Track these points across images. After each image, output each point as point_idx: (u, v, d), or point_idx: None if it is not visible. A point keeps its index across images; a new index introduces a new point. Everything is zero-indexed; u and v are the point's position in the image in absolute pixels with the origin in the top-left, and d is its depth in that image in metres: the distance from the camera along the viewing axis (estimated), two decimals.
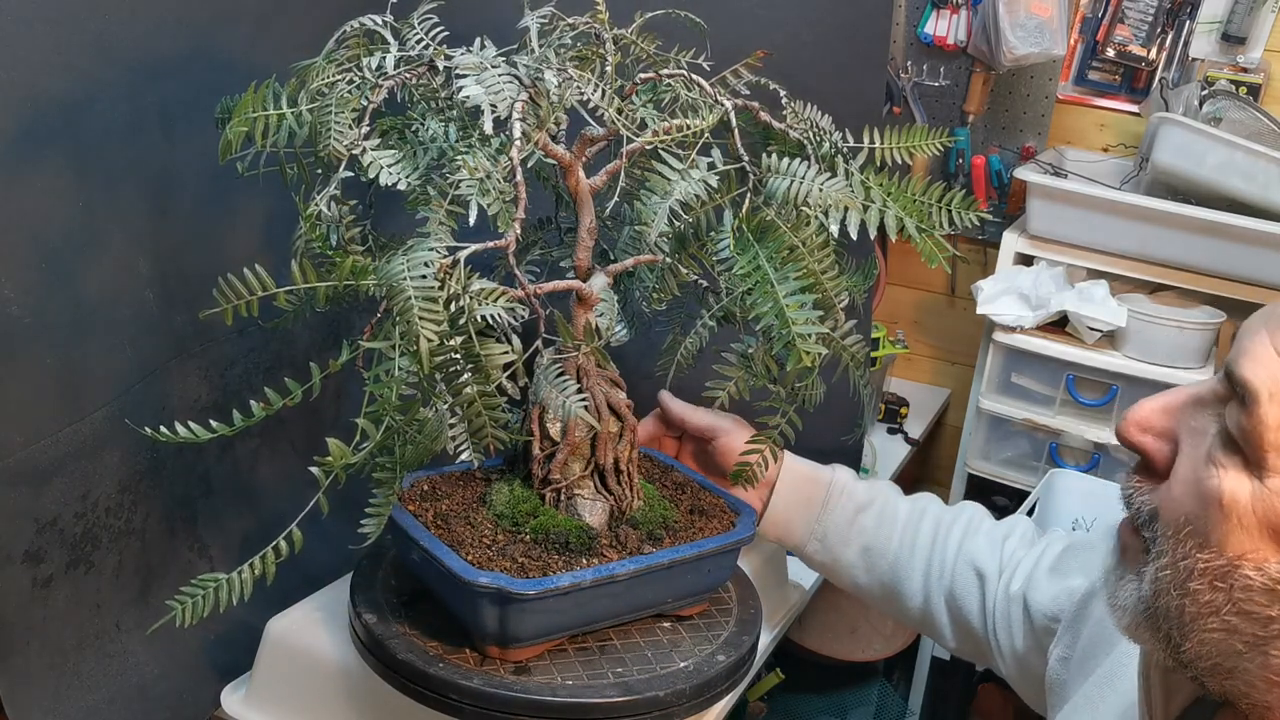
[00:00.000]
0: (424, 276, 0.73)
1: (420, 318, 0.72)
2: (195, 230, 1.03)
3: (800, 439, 1.01)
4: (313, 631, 0.97)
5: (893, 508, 1.11)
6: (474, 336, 0.78)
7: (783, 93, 0.93)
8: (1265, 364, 0.60)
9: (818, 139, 0.90)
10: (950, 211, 0.87)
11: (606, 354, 0.92)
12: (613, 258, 0.96)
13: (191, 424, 0.77)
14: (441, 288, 0.75)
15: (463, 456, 0.83)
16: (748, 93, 0.92)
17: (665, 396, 1.12)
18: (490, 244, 0.79)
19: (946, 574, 1.07)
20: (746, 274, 0.79)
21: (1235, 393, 0.61)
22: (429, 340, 0.72)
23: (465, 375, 0.78)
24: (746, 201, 0.85)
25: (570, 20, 0.87)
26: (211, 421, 0.77)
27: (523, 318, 0.84)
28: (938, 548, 1.08)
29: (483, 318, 0.79)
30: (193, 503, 1.08)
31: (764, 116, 0.90)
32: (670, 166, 0.83)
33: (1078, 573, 0.98)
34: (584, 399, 0.86)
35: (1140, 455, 0.68)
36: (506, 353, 0.80)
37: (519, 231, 0.79)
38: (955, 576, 1.07)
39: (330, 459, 0.74)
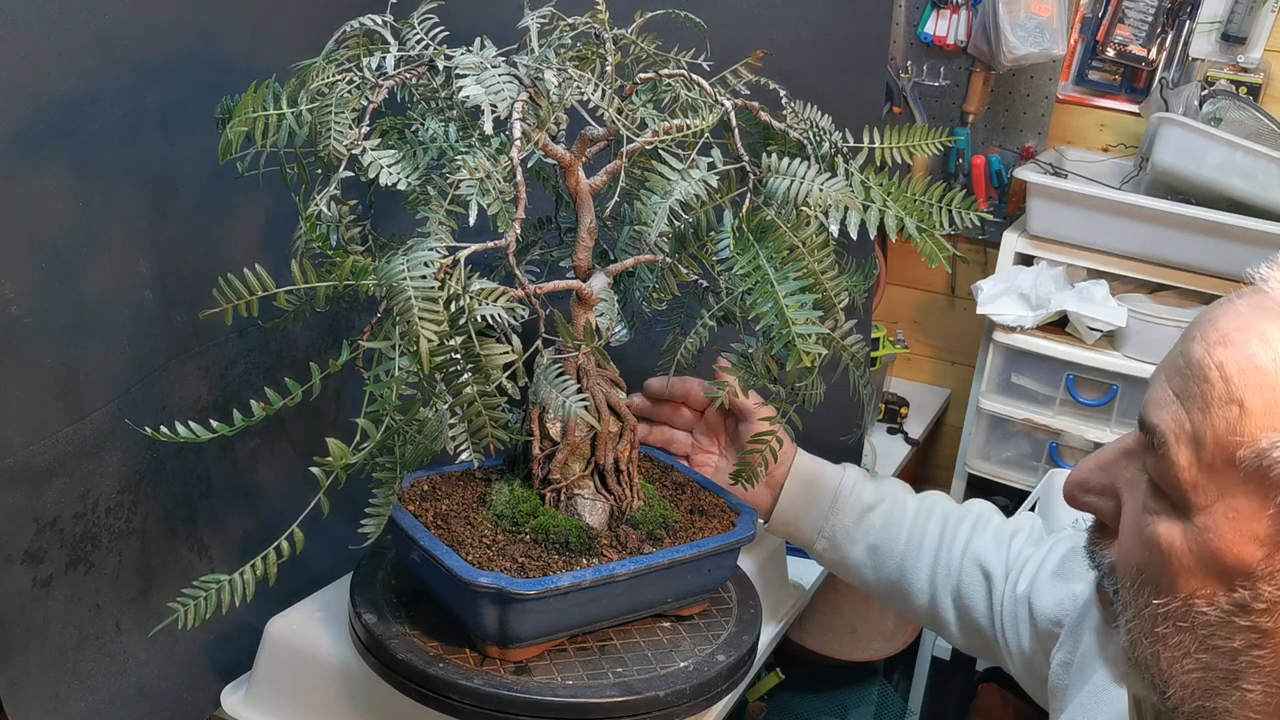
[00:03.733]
0: (424, 276, 0.73)
1: (420, 318, 0.72)
2: (195, 230, 1.03)
3: (800, 439, 1.01)
4: (313, 631, 0.97)
5: (900, 507, 1.11)
6: (474, 336, 0.78)
7: (783, 93, 0.93)
8: (1166, 406, 0.62)
9: (818, 139, 0.90)
10: (950, 211, 0.87)
11: (606, 354, 0.92)
12: (613, 258, 0.96)
13: (191, 424, 0.77)
14: (441, 288, 0.75)
15: (463, 456, 0.83)
16: (748, 92, 0.92)
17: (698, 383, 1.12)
18: (490, 244, 0.79)
19: (953, 573, 1.07)
20: (746, 274, 0.79)
21: (1149, 440, 0.63)
22: (429, 340, 0.72)
23: (465, 375, 0.78)
24: (746, 201, 0.85)
25: (570, 20, 0.87)
26: (211, 421, 0.77)
27: (523, 318, 0.84)
28: (944, 546, 1.08)
29: (482, 318, 0.79)
30: (193, 503, 1.08)
31: (764, 116, 0.90)
32: (670, 166, 0.83)
33: (1080, 577, 0.98)
34: (584, 399, 0.86)
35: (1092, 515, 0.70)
36: (506, 353, 0.80)
37: (519, 231, 0.79)
38: (962, 575, 1.07)
39: (330, 459, 0.74)
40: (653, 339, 1.07)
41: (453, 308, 0.77)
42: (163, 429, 0.76)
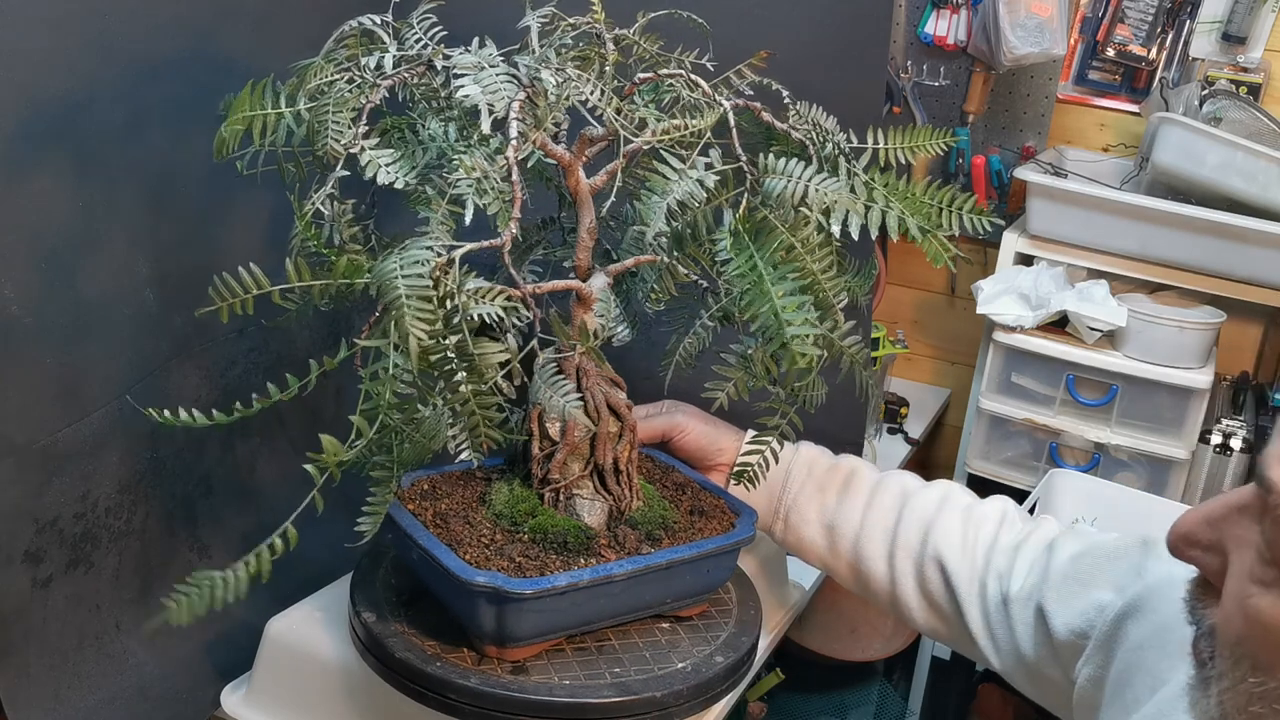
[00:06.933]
0: (418, 275, 0.73)
1: (413, 316, 0.72)
2: (195, 230, 1.03)
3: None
4: (313, 631, 0.97)
5: (858, 483, 1.06)
6: (468, 335, 0.78)
7: (785, 93, 0.93)
8: None
9: (820, 140, 0.89)
10: (960, 215, 0.86)
11: (602, 354, 0.92)
12: (615, 258, 0.96)
13: (194, 410, 0.76)
14: (436, 286, 0.75)
15: (463, 456, 0.83)
16: (750, 93, 0.92)
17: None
18: (485, 243, 0.79)
19: (914, 554, 1.02)
20: (742, 274, 0.79)
21: (1265, 499, 0.57)
22: (419, 338, 0.72)
23: (459, 374, 0.78)
24: (744, 201, 0.85)
25: (571, 20, 0.87)
26: (213, 410, 0.77)
27: (526, 318, 0.84)
28: (904, 526, 1.03)
29: (483, 317, 0.79)
30: (193, 503, 1.08)
31: (766, 117, 0.90)
32: (670, 166, 0.83)
33: (1106, 585, 0.92)
34: (578, 399, 0.86)
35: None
36: (501, 351, 0.80)
37: (515, 231, 0.79)
38: (925, 559, 1.02)
39: (324, 456, 0.74)
40: (654, 339, 1.07)
41: (448, 305, 0.77)
42: (165, 413, 0.76)
